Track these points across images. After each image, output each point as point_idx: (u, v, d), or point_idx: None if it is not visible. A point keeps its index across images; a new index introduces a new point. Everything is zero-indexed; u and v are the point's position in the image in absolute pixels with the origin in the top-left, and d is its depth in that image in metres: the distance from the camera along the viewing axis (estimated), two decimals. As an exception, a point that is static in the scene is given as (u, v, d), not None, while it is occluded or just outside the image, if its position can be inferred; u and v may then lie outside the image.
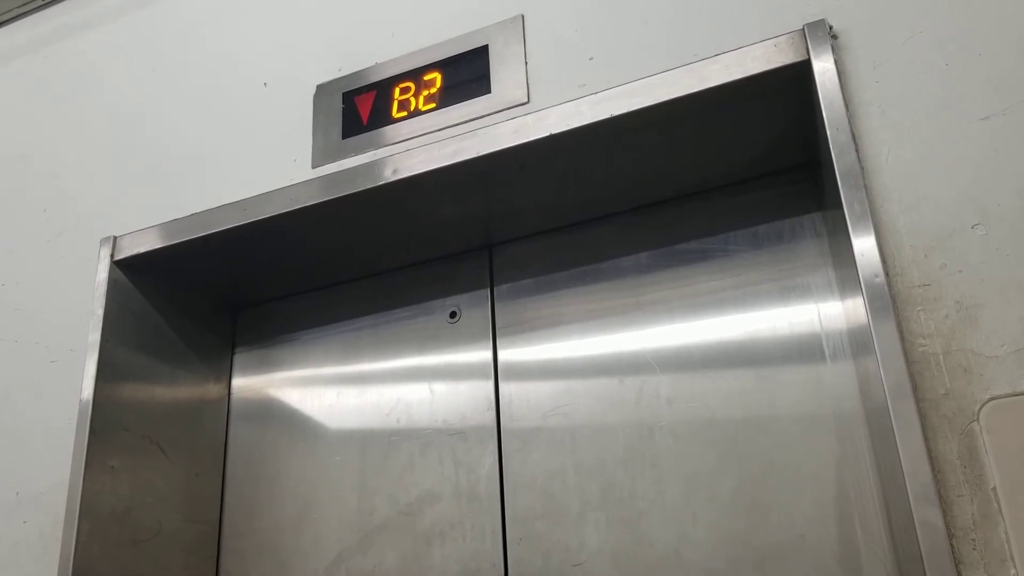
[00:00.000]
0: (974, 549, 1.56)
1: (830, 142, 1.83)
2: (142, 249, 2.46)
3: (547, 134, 2.04)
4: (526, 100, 2.13)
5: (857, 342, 1.94)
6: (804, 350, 2.08)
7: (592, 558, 2.05)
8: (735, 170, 2.27)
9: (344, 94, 2.36)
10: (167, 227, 2.45)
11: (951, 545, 1.57)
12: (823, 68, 1.85)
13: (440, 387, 2.47)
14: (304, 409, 2.63)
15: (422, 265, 2.64)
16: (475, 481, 2.29)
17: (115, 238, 2.51)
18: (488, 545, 2.21)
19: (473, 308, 2.50)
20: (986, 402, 1.62)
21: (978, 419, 1.62)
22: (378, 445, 2.48)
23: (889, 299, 1.70)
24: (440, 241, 2.55)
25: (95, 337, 2.36)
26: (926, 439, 1.64)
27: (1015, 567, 1.52)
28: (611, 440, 2.18)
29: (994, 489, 1.58)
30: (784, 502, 1.96)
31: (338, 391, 2.61)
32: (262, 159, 2.47)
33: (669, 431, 2.13)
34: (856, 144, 1.82)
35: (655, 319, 2.27)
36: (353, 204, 2.26)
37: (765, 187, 2.28)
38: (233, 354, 2.80)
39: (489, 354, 2.43)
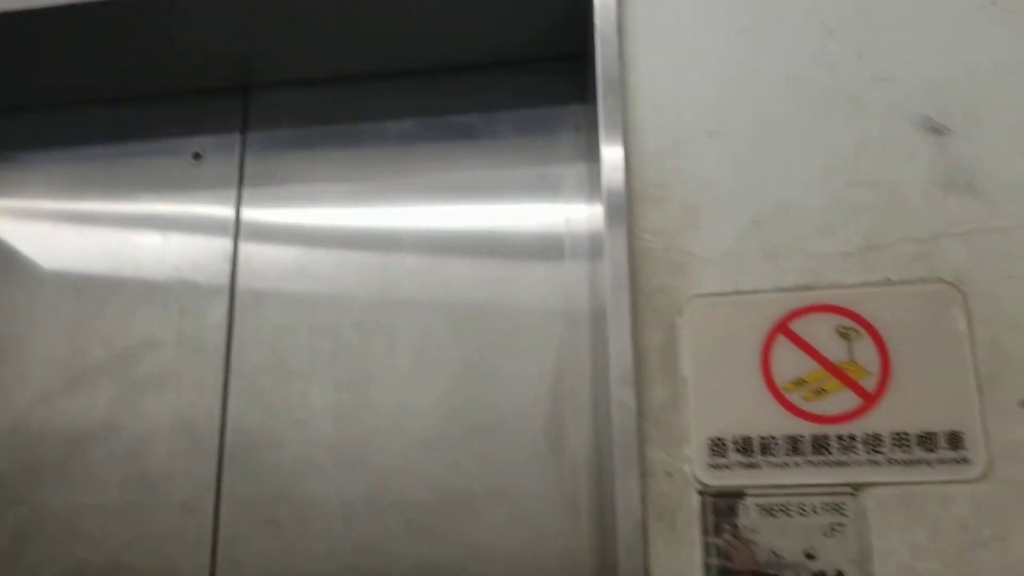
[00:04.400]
0: (658, 429, 1.69)
1: (596, 34, 1.84)
2: None
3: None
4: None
5: (596, 241, 2.01)
6: (547, 245, 2.12)
7: (314, 416, 2.04)
8: (512, 49, 2.24)
9: None
10: None
11: (639, 425, 1.69)
12: (601, -41, 1.84)
13: (175, 234, 2.31)
14: (15, 242, 2.38)
15: (170, 98, 2.41)
16: (201, 332, 2.19)
17: None
18: (207, 396, 2.13)
19: (220, 153, 2.34)
20: (691, 298, 1.73)
21: (682, 313, 1.74)
22: (98, 287, 2.29)
23: (625, 194, 1.77)
24: (193, 73, 2.33)
25: None
26: (634, 328, 1.74)
27: (689, 446, 1.66)
28: (349, 306, 2.15)
29: (684, 377, 1.71)
30: (504, 382, 2.02)
31: (57, 226, 2.37)
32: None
33: (408, 304, 2.12)
34: (620, 40, 1.84)
35: (411, 196, 2.23)
36: (89, 12, 2.01)
37: (539, 72, 2.27)
38: (-68, 171, 2.46)
39: (233, 205, 2.29)
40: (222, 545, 1.98)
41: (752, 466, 1.64)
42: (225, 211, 2.30)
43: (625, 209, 1.76)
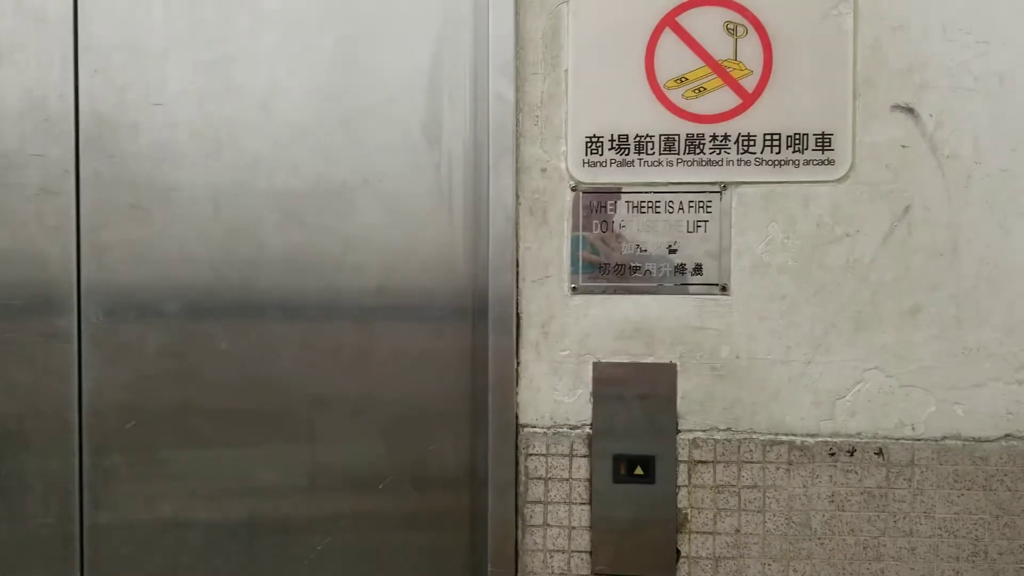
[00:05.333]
0: (536, 124, 1.65)
1: None
2: None
3: None
4: None
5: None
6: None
7: (174, 99, 1.89)
8: None
9: None
10: None
11: (517, 119, 1.64)
12: None
13: None
14: None
15: None
16: (44, 1, 1.94)
17: None
18: (57, 74, 1.94)
19: None
20: (578, -16, 1.61)
21: (568, 1, 1.62)
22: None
23: None
24: None
25: None
26: (517, 14, 1.63)
27: (566, 144, 1.64)
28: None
29: (566, 71, 1.64)
30: (381, 67, 1.90)
31: None
32: None
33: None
34: None
35: None
36: None
37: None
38: None
39: None
40: (86, 230, 1.90)
41: (626, 164, 1.64)
42: None
43: None
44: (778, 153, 1.61)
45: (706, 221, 1.63)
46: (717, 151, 1.62)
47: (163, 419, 1.79)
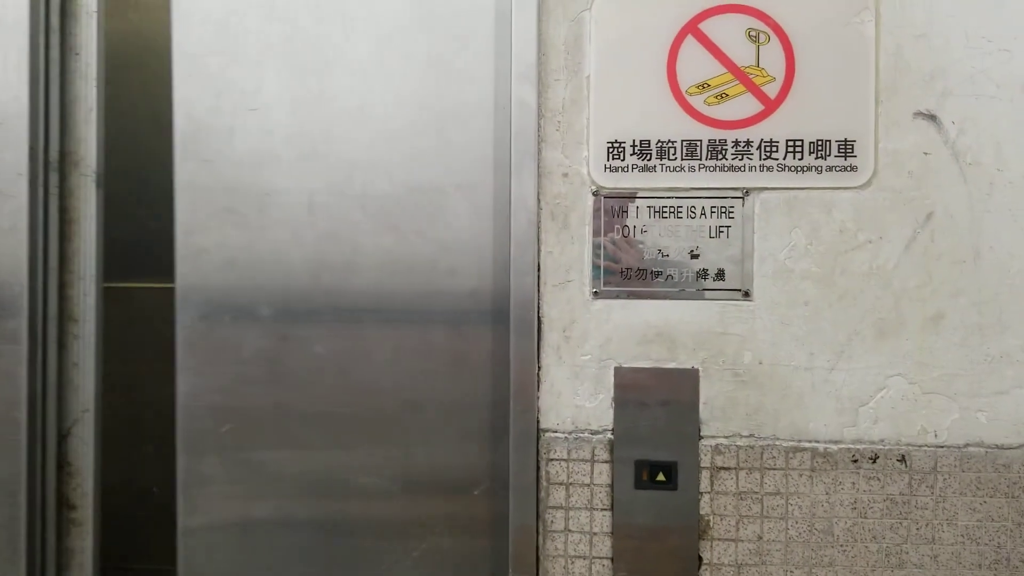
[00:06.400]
0: (558, 130, 1.65)
1: None
2: None
3: None
4: None
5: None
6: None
7: (269, 105, 1.86)
8: None
9: None
10: None
11: (539, 124, 1.65)
12: None
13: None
14: None
15: None
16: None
17: None
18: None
19: None
20: (601, -9, 1.62)
21: (591, 7, 1.63)
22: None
23: None
24: None
25: None
26: (540, 21, 1.64)
27: (588, 149, 1.64)
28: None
29: (588, 77, 1.64)
30: (471, 70, 1.87)
31: None
32: None
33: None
34: None
35: None
36: None
37: None
38: None
39: None
40: (181, 234, 1.86)
41: (648, 169, 1.64)
42: None
43: None
44: (801, 159, 1.61)
45: (728, 226, 1.63)
46: (739, 157, 1.62)
47: (258, 422, 1.77)
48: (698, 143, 1.63)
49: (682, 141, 1.63)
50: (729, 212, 1.63)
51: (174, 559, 1.83)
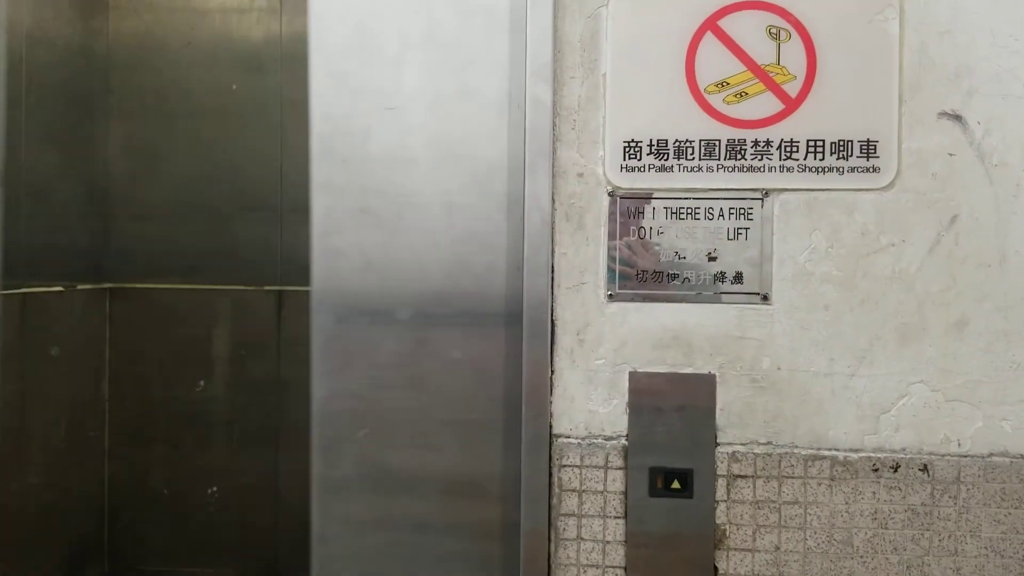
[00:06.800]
0: (573, 129, 1.62)
1: None
2: None
3: None
4: None
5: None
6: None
7: (407, 103, 1.79)
8: None
9: None
10: None
11: (554, 123, 1.61)
12: None
13: None
14: None
15: None
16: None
17: None
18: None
19: None
20: (618, -14, 1.59)
21: (608, 4, 1.60)
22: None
23: None
24: None
25: None
26: (555, 18, 1.60)
27: (603, 149, 1.61)
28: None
29: (604, 75, 1.61)
30: None
31: None
32: None
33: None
34: None
35: None
36: None
37: None
38: None
39: None
40: (317, 235, 1.80)
41: (665, 169, 1.60)
42: None
43: None
44: (822, 160, 1.57)
45: (747, 228, 1.59)
46: (759, 157, 1.58)
47: (394, 427, 1.71)
48: (716, 143, 1.59)
49: (700, 141, 1.59)
50: (748, 214, 1.59)
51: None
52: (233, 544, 2.86)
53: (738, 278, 1.59)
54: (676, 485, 1.59)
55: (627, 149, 1.60)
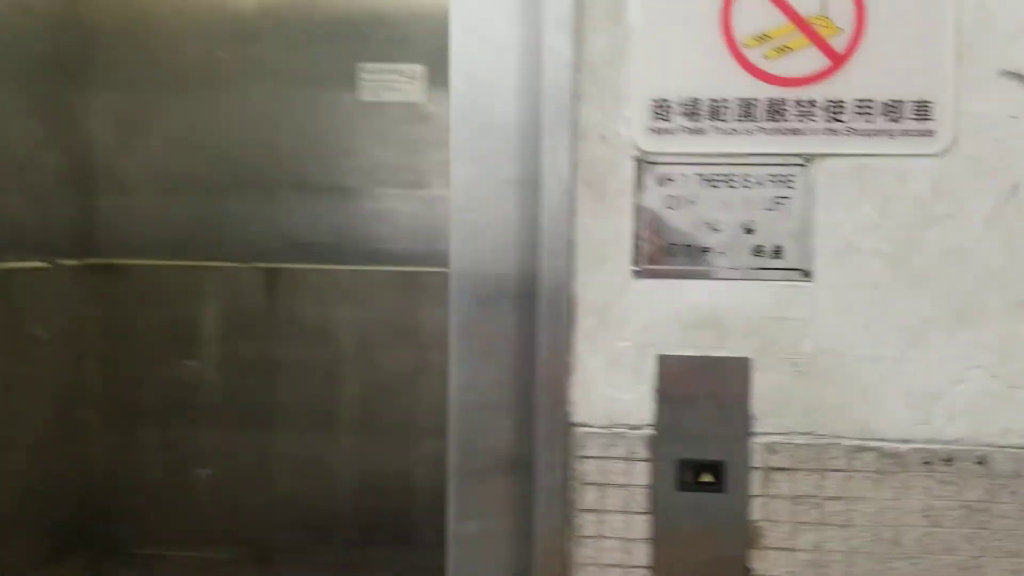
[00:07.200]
0: (595, 86, 1.47)
1: None
2: None
3: None
4: None
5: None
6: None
7: None
8: None
9: None
10: None
11: (574, 80, 1.46)
12: None
13: None
14: None
15: None
16: None
17: None
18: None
19: None
20: (648, -73, 1.43)
21: (635, -53, 1.45)
22: None
23: None
24: None
25: None
26: (577, -38, 1.45)
27: (629, 109, 1.46)
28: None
29: (631, 26, 1.46)
30: None
31: None
32: None
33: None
34: None
35: None
36: None
37: None
38: None
39: None
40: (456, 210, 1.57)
41: (697, 132, 1.45)
42: None
43: None
44: (871, 122, 1.42)
45: (787, 198, 1.44)
46: (801, 118, 1.43)
47: None
48: (755, 102, 1.44)
49: (737, 100, 1.44)
50: (789, 181, 1.44)
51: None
52: (224, 527, 2.77)
53: (777, 252, 1.45)
54: (707, 478, 1.46)
55: (655, 109, 1.45)
